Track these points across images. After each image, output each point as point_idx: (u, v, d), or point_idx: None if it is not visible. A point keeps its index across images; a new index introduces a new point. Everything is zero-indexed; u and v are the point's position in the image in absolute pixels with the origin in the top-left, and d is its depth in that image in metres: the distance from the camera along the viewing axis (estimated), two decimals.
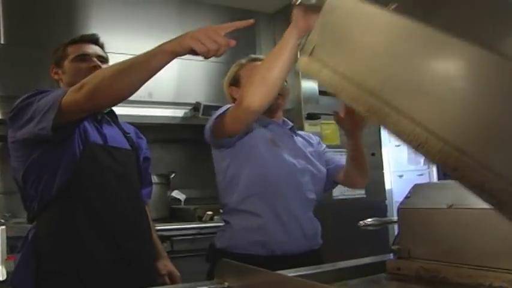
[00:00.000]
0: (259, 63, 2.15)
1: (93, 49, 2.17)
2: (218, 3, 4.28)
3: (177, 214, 3.90)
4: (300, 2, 1.75)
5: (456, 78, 0.83)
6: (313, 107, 4.13)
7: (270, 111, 2.17)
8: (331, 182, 2.36)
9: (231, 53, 4.23)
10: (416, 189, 1.49)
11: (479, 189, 0.78)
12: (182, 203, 4.13)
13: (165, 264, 2.33)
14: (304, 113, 4.07)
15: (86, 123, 2.02)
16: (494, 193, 0.76)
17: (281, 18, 4.50)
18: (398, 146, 6.02)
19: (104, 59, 2.19)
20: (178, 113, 3.88)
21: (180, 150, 4.51)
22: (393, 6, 0.96)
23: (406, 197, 1.48)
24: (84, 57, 2.13)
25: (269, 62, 1.88)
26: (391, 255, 1.53)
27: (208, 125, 2.10)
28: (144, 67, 1.67)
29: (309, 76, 1.24)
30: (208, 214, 3.62)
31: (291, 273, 1.41)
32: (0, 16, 3.46)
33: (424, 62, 0.88)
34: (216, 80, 4.16)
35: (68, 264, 1.88)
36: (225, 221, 2.20)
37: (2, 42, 3.44)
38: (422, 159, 5.95)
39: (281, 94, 2.19)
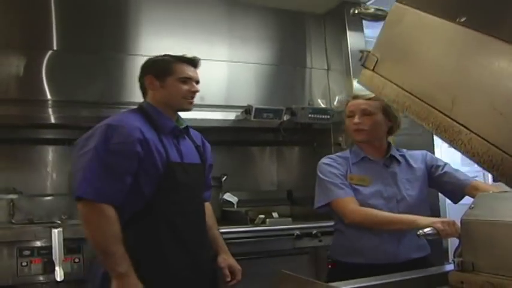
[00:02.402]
0: None
1: (194, 73, 2.40)
2: (267, 5, 4.27)
3: (229, 217, 3.91)
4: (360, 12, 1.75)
5: None
6: None
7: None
8: (458, 197, 2.49)
9: (281, 55, 4.28)
10: (480, 199, 1.44)
11: None
12: (235, 205, 4.14)
13: (225, 258, 2.47)
14: None
15: (167, 142, 2.26)
16: None
17: (331, 18, 4.45)
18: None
19: (198, 82, 2.42)
20: (230, 116, 3.89)
21: (231, 152, 4.52)
22: (463, 19, 0.92)
23: (470, 208, 1.43)
24: (188, 80, 2.35)
25: (387, 225, 2.29)
26: (452, 266, 1.49)
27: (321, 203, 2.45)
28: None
29: (372, 91, 1.22)
30: (260, 218, 3.62)
31: (349, 284, 1.39)
32: (53, 23, 3.55)
33: (500, 80, 0.83)
34: (267, 83, 4.17)
35: (149, 271, 2.10)
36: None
37: (55, 48, 3.53)
38: None
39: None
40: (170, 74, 2.34)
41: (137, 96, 3.66)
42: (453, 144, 0.90)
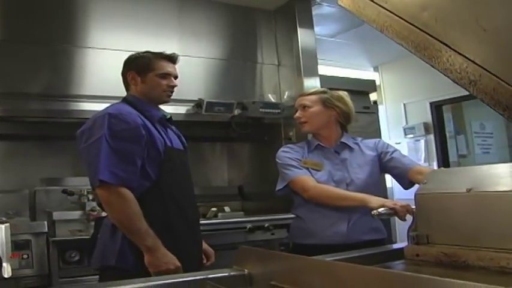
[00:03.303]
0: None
1: (174, 69, 2.57)
2: (218, 0, 4.27)
3: None
4: None
5: None
6: None
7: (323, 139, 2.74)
8: (406, 183, 2.63)
9: (231, 50, 4.28)
10: (433, 174, 1.49)
11: None
12: None
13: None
14: None
15: (161, 130, 2.42)
16: None
17: (282, 15, 4.50)
18: (398, 143, 6.02)
19: (177, 77, 2.59)
20: (181, 109, 3.85)
21: None
22: None
23: (423, 183, 1.48)
24: (167, 75, 2.51)
25: (341, 201, 2.48)
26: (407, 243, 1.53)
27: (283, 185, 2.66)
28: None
29: (351, 11, 1.21)
30: (212, 211, 3.62)
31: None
32: None
33: None
34: (218, 77, 4.17)
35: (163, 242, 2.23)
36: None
37: (0, 38, 3.42)
38: (422, 157, 5.95)
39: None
40: (151, 70, 2.48)
41: (85, 89, 3.64)
42: (432, 61, 0.91)
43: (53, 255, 3.05)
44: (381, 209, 2.12)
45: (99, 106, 2.57)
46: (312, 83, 4.21)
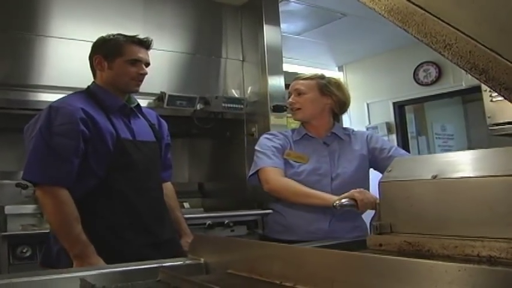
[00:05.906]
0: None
1: (145, 55, 2.38)
2: None
3: None
4: None
5: None
6: (279, 101, 4.09)
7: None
8: None
9: (196, 44, 4.21)
10: (397, 162, 1.45)
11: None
12: None
13: (187, 241, 2.40)
14: (270, 105, 4.03)
15: (115, 121, 2.25)
16: None
17: (248, 11, 4.45)
18: None
19: (148, 64, 2.41)
20: (143, 102, 3.71)
21: None
22: None
23: (387, 171, 1.44)
24: (137, 62, 2.33)
25: (304, 198, 2.37)
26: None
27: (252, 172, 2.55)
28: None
29: None
30: None
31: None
32: None
33: None
34: (181, 71, 4.09)
35: (106, 251, 2.05)
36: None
37: None
38: None
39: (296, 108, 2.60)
40: (119, 55, 2.31)
41: (45, 79, 3.52)
42: (405, 26, 0.86)
43: (3, 250, 2.91)
44: (343, 200, 2.06)
45: (58, 97, 2.42)
46: (276, 80, 4.19)
